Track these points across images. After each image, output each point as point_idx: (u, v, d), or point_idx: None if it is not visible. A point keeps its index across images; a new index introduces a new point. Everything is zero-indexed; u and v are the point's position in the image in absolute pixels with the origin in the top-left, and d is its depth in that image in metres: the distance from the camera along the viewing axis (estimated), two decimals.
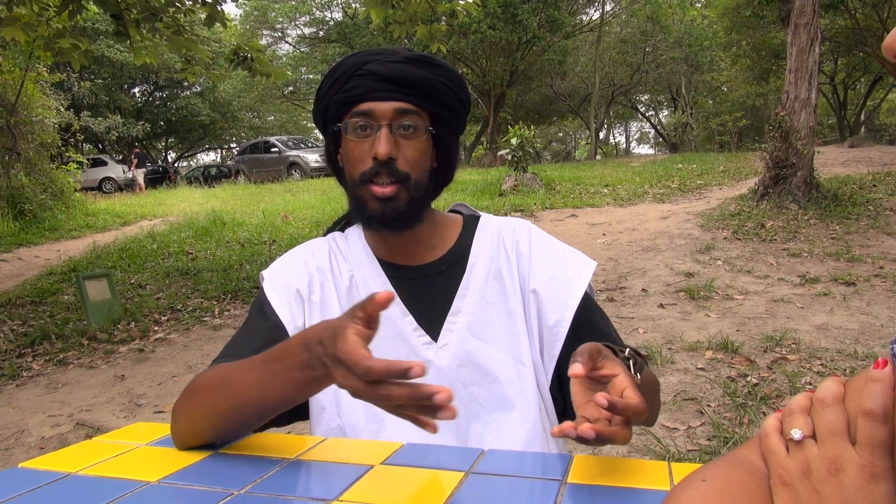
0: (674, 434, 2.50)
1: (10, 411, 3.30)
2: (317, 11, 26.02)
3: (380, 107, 0.85)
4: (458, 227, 0.98)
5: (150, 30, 4.86)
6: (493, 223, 0.98)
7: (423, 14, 5.09)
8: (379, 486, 0.64)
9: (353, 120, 0.86)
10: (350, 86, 0.86)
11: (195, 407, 0.76)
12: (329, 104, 0.89)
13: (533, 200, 8.54)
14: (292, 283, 0.91)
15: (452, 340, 0.90)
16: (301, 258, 0.95)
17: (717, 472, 0.47)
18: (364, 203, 0.87)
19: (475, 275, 0.93)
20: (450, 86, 0.89)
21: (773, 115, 7.02)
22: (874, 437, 0.40)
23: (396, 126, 0.86)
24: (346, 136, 0.87)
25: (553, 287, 0.90)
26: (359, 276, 0.93)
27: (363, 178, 0.86)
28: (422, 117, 0.87)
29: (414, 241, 0.93)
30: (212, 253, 6.81)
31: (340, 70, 0.88)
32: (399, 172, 0.86)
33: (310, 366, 0.63)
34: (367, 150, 0.86)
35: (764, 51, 19.73)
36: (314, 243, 0.98)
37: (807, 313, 3.95)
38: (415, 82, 0.86)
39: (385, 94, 0.85)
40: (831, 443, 0.42)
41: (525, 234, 0.96)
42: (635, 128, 46.64)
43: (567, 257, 0.94)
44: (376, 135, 0.85)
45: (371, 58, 0.87)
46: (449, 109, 0.90)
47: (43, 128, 9.75)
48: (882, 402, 0.41)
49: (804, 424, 0.44)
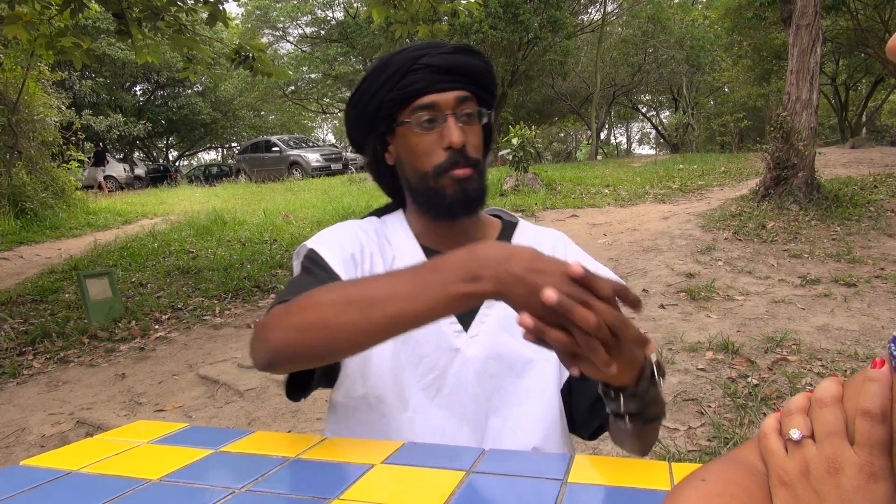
0: (674, 434, 2.50)
1: (10, 409, 3.30)
2: (318, 11, 26.03)
3: (443, 98, 0.88)
4: (498, 228, 1.02)
5: (152, 28, 4.87)
6: (530, 229, 1.02)
7: (425, 14, 5.09)
8: (379, 485, 0.64)
9: (418, 114, 0.88)
10: (408, 81, 0.87)
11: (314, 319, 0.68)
12: (382, 103, 0.89)
13: (534, 200, 8.54)
14: (347, 249, 0.91)
15: (483, 332, 0.91)
16: (351, 230, 0.95)
17: (716, 472, 0.47)
18: (441, 191, 0.89)
19: None
20: (490, 70, 0.94)
21: (775, 116, 7.01)
22: (872, 437, 0.40)
23: (460, 114, 0.89)
24: (411, 131, 0.89)
25: None
26: (401, 260, 0.94)
27: (439, 169, 0.88)
28: (475, 102, 0.91)
29: (461, 232, 0.95)
30: (213, 252, 6.81)
31: (392, 68, 0.88)
32: (471, 158, 0.89)
33: (477, 279, 0.61)
34: (434, 141, 0.88)
35: (765, 51, 19.72)
36: (360, 221, 0.99)
37: (807, 314, 3.95)
38: (467, 70, 0.89)
39: (444, 84, 0.88)
40: (830, 443, 0.42)
41: (562, 244, 1.00)
42: (636, 128, 46.62)
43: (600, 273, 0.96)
44: (443, 125, 0.88)
45: (421, 52, 0.89)
46: (491, 94, 0.94)
47: (44, 126, 9.75)
48: (880, 401, 0.41)
49: (803, 424, 0.44)
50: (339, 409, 0.93)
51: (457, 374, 0.90)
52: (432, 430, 0.88)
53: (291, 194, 12.21)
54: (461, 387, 0.89)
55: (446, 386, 0.89)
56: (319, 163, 17.48)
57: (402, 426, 0.87)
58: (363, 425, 0.89)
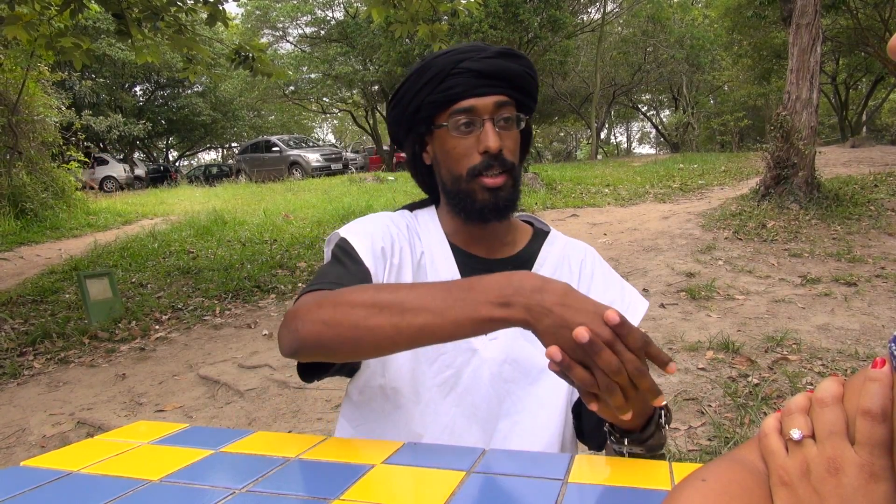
0: (674, 434, 2.50)
1: (11, 410, 3.30)
2: (318, 11, 26.02)
3: (481, 102, 0.88)
4: (529, 234, 1.03)
5: (152, 29, 4.86)
6: (561, 239, 1.03)
7: (425, 13, 5.08)
8: (380, 486, 0.64)
9: (456, 118, 0.88)
10: (448, 84, 0.88)
11: (344, 318, 0.70)
12: (421, 105, 0.90)
13: (534, 200, 8.53)
14: (378, 242, 0.91)
15: (502, 336, 0.92)
16: (383, 222, 0.96)
17: (716, 471, 0.47)
18: (472, 195, 0.90)
19: None
20: (533, 75, 0.94)
21: (775, 115, 7.01)
22: (873, 437, 0.40)
23: (497, 119, 0.89)
24: (448, 134, 0.89)
25: None
26: (428, 255, 0.95)
27: (472, 172, 0.89)
28: (513, 107, 0.92)
29: (492, 234, 0.96)
30: (213, 252, 6.81)
31: (433, 70, 0.89)
32: (507, 163, 0.90)
33: (509, 305, 0.63)
34: (471, 145, 0.89)
35: (765, 51, 19.71)
36: (392, 213, 1.00)
37: (808, 314, 3.95)
38: (507, 75, 0.90)
39: (484, 89, 0.88)
40: (830, 442, 0.42)
41: (591, 258, 1.01)
42: (636, 127, 46.62)
43: (626, 290, 0.98)
44: (480, 130, 0.88)
45: (463, 55, 0.89)
46: (532, 98, 0.95)
47: (44, 126, 9.75)
48: (881, 401, 0.41)
49: (803, 424, 0.44)
50: (354, 397, 0.95)
51: (472, 374, 0.91)
52: (442, 426, 0.89)
53: (291, 194, 12.21)
54: (475, 387, 0.91)
55: (460, 384, 0.91)
56: (319, 163, 17.49)
57: (414, 418, 0.89)
58: (377, 413, 0.91)
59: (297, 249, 6.67)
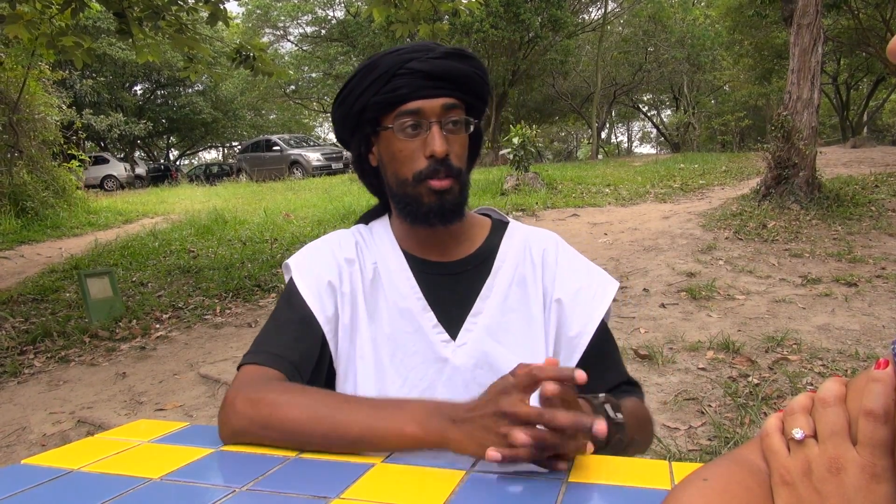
0: (674, 434, 2.50)
1: (11, 408, 3.30)
2: (319, 10, 26.04)
3: (429, 104, 0.86)
4: (487, 228, 0.99)
5: (153, 28, 4.87)
6: (521, 230, 0.99)
7: (426, 13, 5.08)
8: (380, 484, 0.64)
9: (402, 120, 0.86)
10: (394, 85, 0.85)
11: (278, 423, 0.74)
12: (367, 105, 0.87)
13: (535, 200, 8.54)
14: (323, 276, 0.92)
15: (471, 340, 0.90)
16: (329, 249, 0.95)
17: (718, 471, 0.47)
18: (419, 199, 0.88)
19: (500, 278, 0.93)
20: (483, 77, 0.91)
21: (776, 116, 7.01)
22: (875, 437, 0.40)
23: (445, 122, 0.87)
24: (394, 136, 0.87)
25: (578, 300, 0.91)
26: (383, 268, 0.94)
27: (418, 176, 0.87)
28: (462, 110, 0.89)
29: (447, 237, 0.94)
30: (213, 251, 6.82)
31: (378, 70, 0.86)
32: (454, 168, 0.87)
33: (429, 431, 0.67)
34: (417, 148, 0.86)
35: (766, 51, 19.71)
36: (341, 234, 0.99)
37: (808, 314, 3.95)
38: (456, 76, 0.87)
39: (431, 90, 0.85)
40: (832, 443, 0.42)
41: (553, 245, 0.97)
42: (637, 127, 46.60)
43: (593, 274, 0.95)
44: (427, 133, 0.86)
45: (411, 55, 0.86)
46: (482, 101, 0.92)
47: (45, 125, 9.76)
48: (883, 402, 0.41)
49: (805, 424, 0.44)
50: None
51: (446, 384, 0.89)
52: None
53: (292, 193, 12.22)
54: (451, 397, 0.89)
55: (436, 397, 0.89)
56: (320, 162, 17.48)
57: None
58: None
59: (298, 248, 6.66)
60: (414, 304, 0.91)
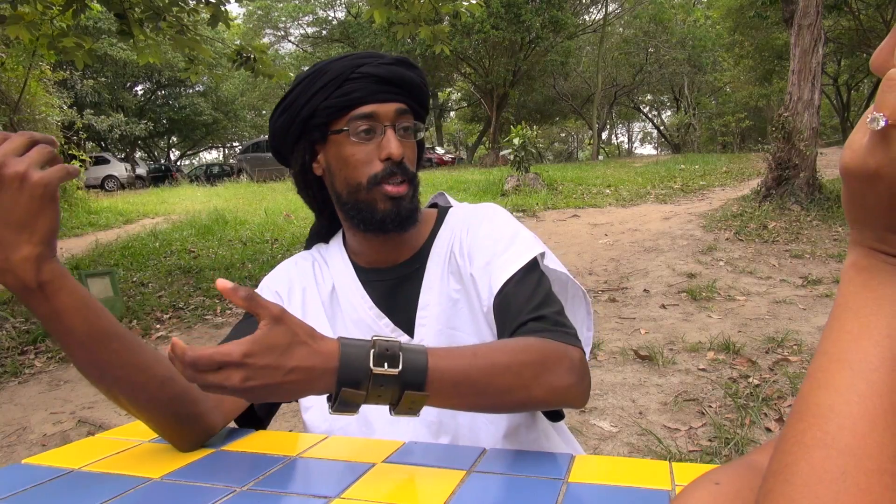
0: (675, 434, 2.50)
1: (12, 408, 3.31)
2: (320, 11, 26.06)
3: (383, 108, 0.86)
4: (432, 221, 0.98)
5: (154, 29, 4.87)
6: (460, 212, 0.98)
7: (427, 15, 5.08)
8: (380, 485, 0.64)
9: (356, 123, 0.85)
10: (346, 89, 0.85)
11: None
12: (316, 110, 0.87)
13: (535, 200, 8.54)
14: (272, 287, 0.95)
15: (427, 334, 0.90)
16: (286, 269, 0.98)
17: (730, 475, 0.47)
18: (373, 205, 0.87)
19: (433, 266, 0.93)
20: (426, 86, 0.93)
21: (776, 117, 7.01)
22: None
23: (398, 127, 0.87)
24: (346, 140, 0.86)
25: (486, 271, 0.88)
26: (339, 285, 0.95)
27: (373, 180, 0.86)
28: (412, 116, 0.90)
29: (397, 241, 0.93)
30: (214, 251, 6.82)
31: (329, 74, 0.86)
32: (409, 171, 0.88)
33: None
34: (371, 151, 0.86)
35: (767, 52, 19.71)
36: (300, 256, 1.01)
37: (809, 314, 3.94)
38: (406, 83, 0.88)
39: (384, 95, 0.86)
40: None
41: (480, 219, 0.94)
42: (638, 128, 46.63)
43: (510, 244, 0.89)
44: (382, 136, 0.86)
45: (362, 60, 0.87)
46: (426, 110, 0.94)
47: (46, 126, 9.76)
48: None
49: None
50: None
51: None
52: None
53: (293, 194, 12.08)
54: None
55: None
56: None
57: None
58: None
59: (298, 249, 6.67)
60: (367, 315, 0.91)
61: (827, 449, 0.31)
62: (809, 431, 0.32)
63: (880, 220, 0.34)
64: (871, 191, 0.34)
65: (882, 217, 0.34)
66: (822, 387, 0.33)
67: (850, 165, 0.34)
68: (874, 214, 0.34)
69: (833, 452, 0.31)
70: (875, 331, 0.33)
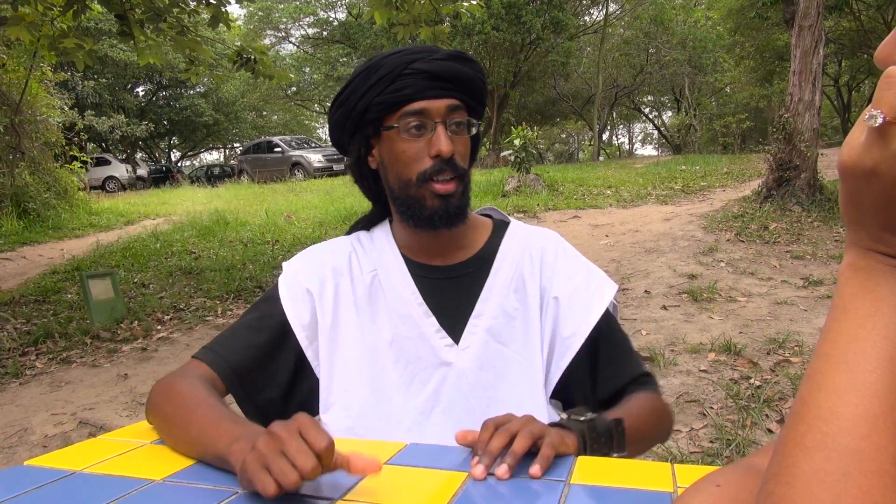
0: (676, 436, 2.50)
1: (13, 409, 3.31)
2: (321, 12, 26.08)
3: (434, 105, 0.86)
4: (488, 230, 0.99)
5: (154, 30, 4.88)
6: (522, 230, 0.99)
7: (427, 15, 5.09)
8: (383, 486, 0.64)
9: (407, 119, 0.86)
10: (398, 85, 0.85)
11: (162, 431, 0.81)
12: (369, 106, 0.87)
13: (536, 201, 8.54)
14: (303, 283, 0.93)
15: (474, 343, 0.90)
16: (320, 257, 0.96)
17: (731, 478, 0.47)
18: (422, 202, 0.88)
19: (499, 279, 0.93)
20: (483, 80, 0.92)
21: (777, 117, 7.01)
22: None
23: (450, 123, 0.87)
24: (398, 136, 0.87)
25: (575, 299, 0.91)
26: (383, 274, 0.93)
27: (422, 176, 0.87)
28: (465, 112, 0.90)
29: (449, 240, 0.93)
30: (215, 252, 6.82)
31: (382, 70, 0.86)
32: (459, 168, 0.88)
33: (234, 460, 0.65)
34: (422, 148, 0.86)
35: (768, 52, 19.69)
36: (336, 242, 0.99)
37: (810, 315, 3.94)
38: (459, 79, 0.88)
39: (436, 91, 0.86)
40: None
41: (553, 243, 0.97)
42: (638, 129, 46.62)
43: (592, 274, 0.95)
44: (432, 133, 0.86)
45: (415, 56, 0.86)
46: (481, 104, 0.93)
47: (47, 127, 9.77)
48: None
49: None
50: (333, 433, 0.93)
51: (451, 388, 0.89)
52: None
53: (294, 195, 12.22)
54: (457, 400, 0.89)
55: (441, 401, 0.89)
56: (322, 163, 17.48)
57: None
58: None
59: (298, 250, 6.66)
60: (415, 310, 0.91)
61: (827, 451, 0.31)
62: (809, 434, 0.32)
63: (876, 219, 0.34)
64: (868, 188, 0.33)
65: (878, 216, 0.34)
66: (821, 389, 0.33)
67: (848, 162, 0.34)
68: (870, 213, 0.34)
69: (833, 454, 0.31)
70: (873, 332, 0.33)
